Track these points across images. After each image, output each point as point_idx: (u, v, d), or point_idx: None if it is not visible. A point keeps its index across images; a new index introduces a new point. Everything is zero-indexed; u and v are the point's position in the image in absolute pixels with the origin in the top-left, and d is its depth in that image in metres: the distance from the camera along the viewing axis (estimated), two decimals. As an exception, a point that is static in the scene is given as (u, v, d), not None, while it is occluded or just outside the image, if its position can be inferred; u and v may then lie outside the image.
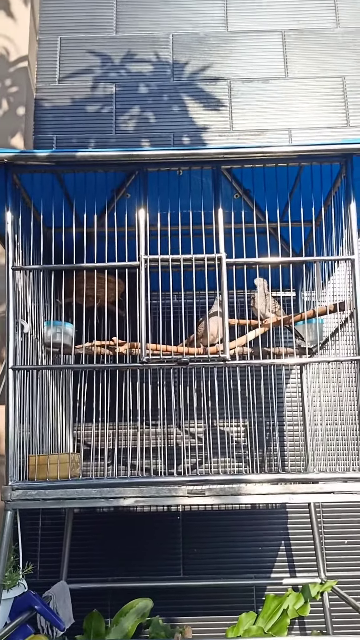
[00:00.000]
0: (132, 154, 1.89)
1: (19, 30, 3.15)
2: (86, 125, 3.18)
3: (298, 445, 2.74)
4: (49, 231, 2.04)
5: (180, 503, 1.81)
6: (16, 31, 3.15)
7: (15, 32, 3.15)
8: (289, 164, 1.99)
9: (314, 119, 3.18)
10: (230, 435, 2.75)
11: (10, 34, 3.14)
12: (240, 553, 2.69)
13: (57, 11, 3.37)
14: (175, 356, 1.95)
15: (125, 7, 3.37)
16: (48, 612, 1.99)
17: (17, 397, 1.88)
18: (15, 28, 3.15)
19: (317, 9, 3.36)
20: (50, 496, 1.80)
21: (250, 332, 2.23)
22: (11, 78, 3.08)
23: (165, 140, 3.14)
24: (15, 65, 3.11)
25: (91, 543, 2.68)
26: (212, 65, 3.27)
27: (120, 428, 2.66)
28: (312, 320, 2.24)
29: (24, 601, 1.94)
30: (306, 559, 2.68)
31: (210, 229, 2.01)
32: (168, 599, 2.61)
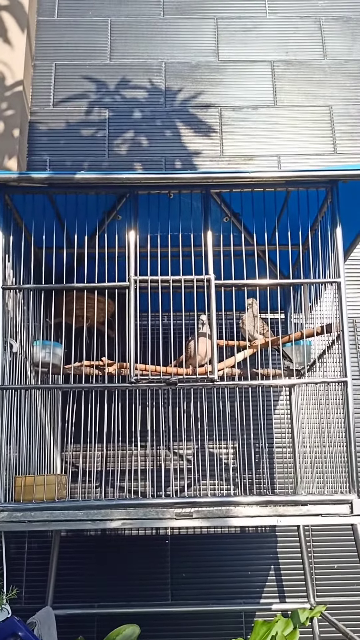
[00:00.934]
0: (123, 177, 1.93)
1: (15, 55, 3.22)
2: (80, 149, 3.23)
3: (287, 467, 2.73)
4: (40, 251, 2.06)
5: (168, 525, 1.80)
6: (12, 56, 3.22)
7: (11, 57, 3.22)
8: (276, 189, 2.04)
9: (302, 146, 3.26)
10: (219, 457, 2.74)
11: (7, 59, 3.21)
12: (229, 578, 2.65)
13: (52, 38, 3.45)
14: (164, 376, 1.96)
15: (120, 35, 3.46)
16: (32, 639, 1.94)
17: (4, 417, 1.87)
18: (12, 53, 3.23)
19: (305, 41, 3.48)
20: (36, 518, 1.78)
21: (239, 354, 2.25)
22: (7, 101, 3.14)
23: (157, 165, 3.20)
24: (11, 89, 3.17)
25: (78, 568, 2.64)
26: (203, 93, 3.36)
27: (108, 449, 2.65)
28: (300, 342, 2.26)
29: (7, 627, 1.89)
30: (296, 584, 2.65)
31: (199, 251, 2.04)
32: (156, 625, 2.56)
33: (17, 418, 1.96)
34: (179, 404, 2.60)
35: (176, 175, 1.96)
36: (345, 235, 2.18)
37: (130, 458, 2.68)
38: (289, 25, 3.50)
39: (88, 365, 2.16)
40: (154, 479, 2.66)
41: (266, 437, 2.78)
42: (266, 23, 3.51)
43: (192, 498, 1.83)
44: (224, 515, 1.80)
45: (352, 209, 2.08)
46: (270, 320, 2.61)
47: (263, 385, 2.09)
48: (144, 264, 2.02)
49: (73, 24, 3.48)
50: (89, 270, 2.14)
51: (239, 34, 3.48)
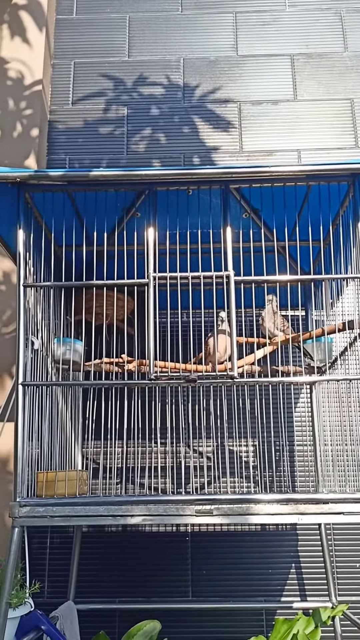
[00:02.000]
0: (142, 174, 1.92)
1: (34, 55, 3.25)
2: (98, 147, 3.24)
3: (308, 465, 2.71)
4: (60, 249, 2.07)
5: (188, 522, 1.79)
6: (31, 56, 3.24)
7: (30, 57, 3.24)
8: (297, 184, 2.01)
9: (323, 140, 3.22)
10: (239, 454, 2.73)
11: (26, 59, 3.24)
12: (250, 575, 2.64)
13: (71, 36, 3.47)
14: (184, 374, 1.96)
15: (138, 32, 3.46)
16: (55, 633, 1.96)
17: (26, 414, 1.89)
18: (31, 53, 3.25)
19: (325, 34, 3.43)
20: (58, 513, 1.79)
21: (259, 351, 2.23)
22: (26, 101, 3.17)
23: (176, 161, 3.19)
24: (30, 88, 3.20)
25: (99, 563, 2.66)
26: (222, 88, 3.33)
27: (128, 446, 2.66)
28: (321, 339, 2.24)
29: (30, 621, 1.92)
30: (317, 582, 2.63)
31: (219, 247, 2.03)
32: (176, 621, 2.56)
33: (38, 414, 1.98)
34: (199, 401, 2.60)
35: (195, 171, 1.95)
36: (367, 230, 2.15)
37: (150, 455, 2.68)
38: (309, 18, 3.45)
39: (108, 363, 2.17)
40: (174, 476, 2.66)
41: (287, 435, 2.76)
42: (285, 16, 3.47)
43: (213, 495, 1.83)
44: (244, 512, 1.79)
45: (374, 203, 2.05)
46: (291, 317, 2.59)
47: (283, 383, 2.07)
48: (163, 261, 2.02)
49: (91, 21, 3.49)
50: (108, 268, 2.15)
51: (257, 27, 3.45)
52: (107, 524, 2.65)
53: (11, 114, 3.14)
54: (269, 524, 2.67)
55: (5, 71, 3.23)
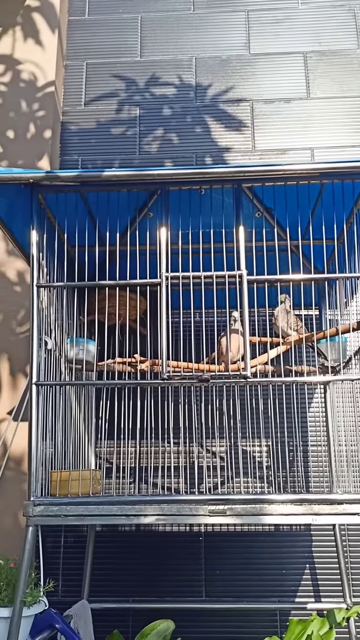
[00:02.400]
0: (154, 173, 1.92)
1: (47, 56, 3.27)
2: (111, 147, 3.25)
3: (322, 465, 2.69)
4: (73, 249, 2.08)
5: (201, 522, 1.79)
6: (44, 57, 3.26)
7: (43, 59, 3.26)
8: (310, 182, 2.00)
9: (337, 138, 3.19)
10: (253, 454, 2.72)
11: (38, 60, 3.26)
12: (264, 576, 2.63)
13: (83, 37, 3.48)
14: (196, 373, 1.95)
15: (150, 31, 3.46)
16: (69, 631, 1.98)
17: (40, 413, 1.90)
18: (43, 54, 3.27)
19: (338, 31, 3.40)
20: (72, 512, 1.80)
21: (272, 350, 2.22)
22: (39, 102, 3.19)
23: (188, 161, 3.19)
24: (43, 90, 3.21)
25: (113, 562, 2.66)
26: (234, 87, 3.32)
27: (141, 446, 2.66)
28: (335, 338, 2.22)
29: (45, 619, 1.93)
30: (331, 583, 2.61)
31: (231, 247, 2.02)
32: (190, 621, 2.56)
33: (52, 414, 1.99)
34: (212, 401, 2.59)
35: (207, 170, 1.94)
36: (381, 228, 2.13)
37: (163, 455, 2.68)
38: (321, 15, 3.43)
39: (121, 362, 2.17)
40: (187, 476, 2.65)
41: (300, 435, 2.74)
42: (298, 13, 3.45)
43: (226, 495, 1.82)
44: (258, 513, 1.78)
45: (388, 201, 2.03)
46: (305, 316, 2.57)
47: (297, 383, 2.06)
48: (176, 261, 2.02)
49: (103, 22, 3.50)
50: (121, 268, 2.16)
51: (270, 25, 3.43)
52: (121, 524, 2.66)
53: (24, 116, 3.16)
54: (283, 525, 2.66)
55: (18, 73, 3.25)
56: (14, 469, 2.67)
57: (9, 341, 2.82)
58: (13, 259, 2.94)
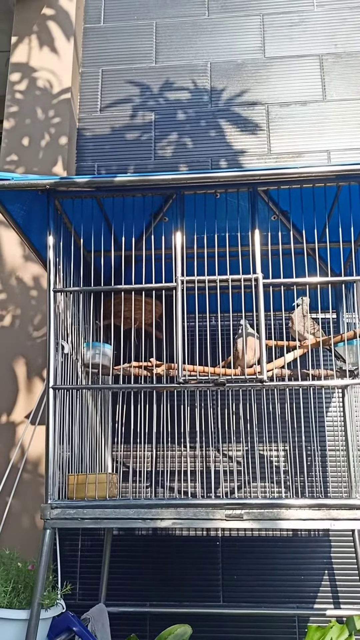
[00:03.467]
0: (167, 178, 1.93)
1: (63, 64, 3.31)
2: (126, 153, 3.28)
3: (340, 470, 2.66)
4: (89, 254, 2.10)
5: (218, 526, 1.78)
6: (60, 65, 3.30)
7: (58, 66, 3.30)
8: (326, 184, 1.99)
9: (353, 140, 3.17)
10: (270, 459, 2.70)
11: (54, 68, 3.30)
12: (282, 581, 2.61)
13: (98, 44, 3.52)
14: (213, 377, 1.95)
15: (165, 37, 3.48)
16: (86, 635, 1.98)
17: (57, 417, 1.91)
18: (59, 62, 3.31)
19: (354, 33, 3.38)
20: (88, 515, 1.81)
21: (289, 354, 2.21)
22: (54, 109, 3.23)
23: (204, 165, 3.20)
24: (58, 97, 3.25)
25: (130, 566, 2.67)
26: (249, 91, 3.32)
27: (158, 450, 2.66)
28: (353, 341, 2.20)
29: (62, 622, 1.94)
30: (351, 589, 2.57)
31: (247, 250, 2.02)
32: (207, 626, 2.55)
33: (69, 417, 2.00)
34: (228, 405, 2.59)
35: (222, 174, 1.94)
36: None
37: (180, 459, 2.68)
38: (337, 17, 3.41)
39: (137, 366, 2.18)
40: (204, 480, 2.65)
41: (318, 440, 2.72)
42: (313, 16, 3.44)
43: (243, 499, 1.82)
44: (275, 517, 1.77)
45: None
46: (322, 320, 2.55)
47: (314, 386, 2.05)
48: (191, 265, 2.02)
49: (119, 29, 3.53)
50: (136, 272, 2.17)
51: (285, 29, 3.43)
52: (137, 527, 2.66)
53: (40, 123, 3.21)
54: (301, 530, 2.64)
55: (34, 81, 3.29)
56: (31, 472, 2.69)
57: (25, 345, 2.85)
58: (29, 264, 2.97)
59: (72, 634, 1.95)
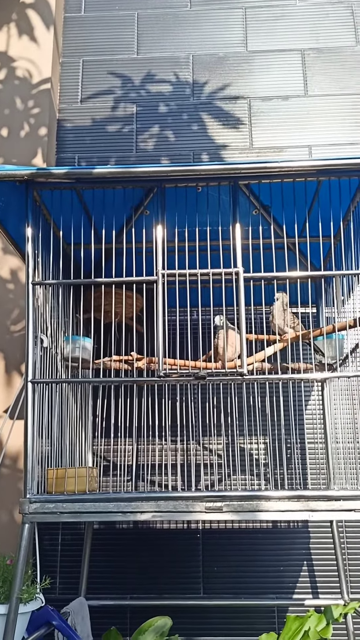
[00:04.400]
0: (150, 170, 1.92)
1: (42, 53, 3.25)
2: (107, 145, 3.25)
3: (319, 462, 2.69)
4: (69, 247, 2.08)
5: (198, 518, 1.79)
6: (39, 54, 3.25)
7: (38, 55, 3.25)
8: (307, 179, 2.00)
9: (334, 135, 3.19)
10: (250, 452, 2.72)
11: (34, 57, 3.25)
12: (262, 573, 2.64)
13: (79, 34, 3.47)
14: (193, 371, 1.95)
15: (147, 28, 3.45)
16: (66, 628, 1.98)
17: (36, 411, 1.90)
18: (39, 51, 3.26)
19: (336, 28, 3.39)
20: (68, 509, 1.80)
21: (269, 348, 2.22)
22: (34, 100, 3.18)
23: (186, 158, 3.19)
24: (38, 87, 3.20)
25: (111, 560, 2.67)
26: (231, 85, 3.32)
27: (139, 443, 2.66)
28: (332, 335, 2.22)
29: (42, 616, 1.93)
30: (329, 579, 2.62)
31: (228, 245, 2.02)
32: (188, 617, 2.57)
33: (48, 412, 1.99)
34: (209, 398, 2.60)
35: (203, 167, 1.94)
36: (378, 225, 2.13)
37: (161, 452, 2.69)
38: (319, 12, 3.42)
39: (117, 360, 2.17)
40: (185, 474, 2.66)
41: (298, 432, 2.74)
42: (296, 10, 3.44)
43: (222, 492, 1.83)
44: (255, 509, 1.78)
45: (385, 198, 2.03)
46: (302, 314, 2.57)
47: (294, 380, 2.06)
48: (172, 258, 2.01)
49: (100, 19, 3.49)
50: (117, 266, 2.15)
51: (267, 22, 3.42)
52: (118, 521, 2.66)
53: (19, 113, 3.16)
54: (280, 521, 2.66)
55: (13, 70, 3.24)
56: (10, 467, 2.67)
57: (4, 339, 2.83)
58: (7, 257, 2.94)
59: (51, 628, 1.95)
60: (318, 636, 2.29)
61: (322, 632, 2.29)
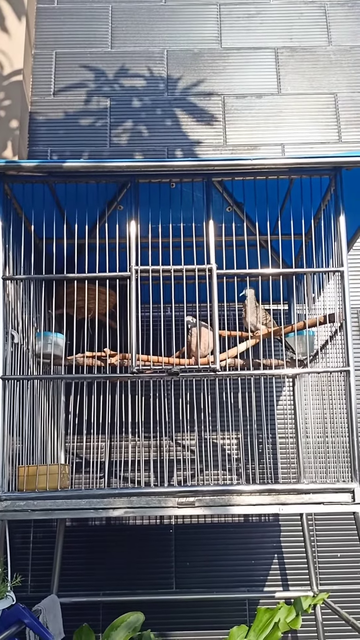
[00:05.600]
0: (123, 165, 1.91)
1: (14, 44, 3.19)
2: (80, 139, 3.21)
3: (290, 457, 2.73)
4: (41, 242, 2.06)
5: (170, 513, 1.81)
6: (10, 45, 3.19)
7: (9, 46, 3.19)
8: (279, 177, 2.02)
9: (307, 134, 3.23)
10: (223, 447, 2.75)
11: (5, 48, 3.18)
12: (233, 566, 2.67)
13: (52, 26, 3.42)
14: (166, 367, 1.96)
15: (121, 22, 3.42)
16: (37, 626, 1.96)
17: (6, 408, 1.88)
18: (10, 42, 3.20)
19: (309, 27, 3.43)
20: (39, 507, 1.79)
21: (241, 344, 2.24)
22: (5, 91, 3.12)
23: (160, 154, 3.18)
24: (9, 78, 3.14)
25: (83, 557, 2.66)
26: (205, 81, 3.32)
27: (112, 440, 2.66)
28: (302, 332, 2.25)
29: (12, 614, 1.91)
30: (299, 572, 2.66)
31: (201, 241, 2.03)
32: (160, 612, 2.58)
33: (19, 408, 1.97)
34: (182, 394, 2.60)
35: (177, 163, 1.94)
36: (348, 224, 2.17)
37: (134, 449, 2.69)
38: (293, 11, 3.45)
39: (90, 357, 2.16)
40: (157, 470, 2.66)
41: (269, 427, 2.78)
42: (270, 8, 3.46)
43: (194, 487, 1.84)
44: (226, 503, 1.80)
45: (355, 197, 2.06)
46: (274, 311, 2.60)
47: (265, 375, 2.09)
48: (146, 255, 2.01)
49: (73, 11, 3.45)
50: (90, 261, 2.14)
51: (242, 20, 3.43)
52: (90, 518, 2.65)
53: (-10, 105, 3.10)
54: (252, 515, 2.70)
55: (-16, 61, 3.17)
56: (-19, 465, 2.63)
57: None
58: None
59: (22, 626, 1.93)
60: (288, 627, 2.33)
61: (292, 623, 2.34)
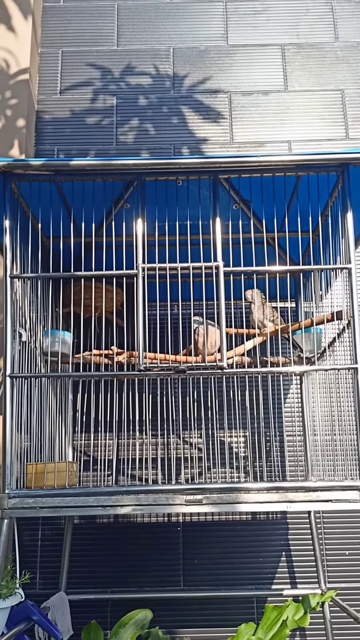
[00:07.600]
0: (129, 163, 1.91)
1: (20, 43, 3.20)
2: (87, 137, 3.22)
3: (297, 454, 2.73)
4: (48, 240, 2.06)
5: (178, 511, 1.81)
6: (17, 44, 3.19)
7: (16, 45, 3.19)
8: (286, 174, 2.01)
9: (314, 131, 3.21)
10: (230, 445, 2.75)
11: (11, 47, 3.19)
12: (241, 564, 2.67)
13: (58, 24, 3.42)
14: (174, 365, 1.96)
15: (127, 20, 3.42)
16: (46, 623, 1.97)
17: (14, 405, 1.88)
18: (16, 41, 3.20)
19: (316, 24, 3.41)
20: (47, 504, 1.80)
21: (249, 342, 2.23)
22: (11, 90, 3.13)
23: (166, 152, 3.18)
24: (16, 77, 3.15)
25: (91, 554, 2.67)
26: (212, 78, 3.31)
27: (119, 438, 2.66)
28: (310, 329, 2.25)
29: (21, 611, 1.92)
30: (307, 570, 2.66)
31: (208, 239, 2.02)
32: (168, 610, 2.59)
33: (27, 406, 1.97)
34: (189, 392, 2.61)
35: (183, 161, 1.94)
36: (356, 221, 2.16)
37: (141, 446, 2.69)
38: (299, 7, 3.43)
39: (98, 354, 2.16)
40: (165, 467, 2.67)
41: (277, 425, 2.77)
42: (276, 5, 3.44)
43: (202, 484, 1.84)
44: (234, 501, 1.80)
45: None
46: (281, 308, 2.60)
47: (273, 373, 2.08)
48: (153, 253, 2.01)
49: (79, 9, 3.45)
50: (97, 259, 2.14)
51: (248, 17, 3.42)
52: (98, 515, 2.66)
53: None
54: (259, 512, 2.70)
55: (-10, 60, 3.18)
56: (-11, 462, 2.64)
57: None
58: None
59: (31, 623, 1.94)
60: (296, 625, 2.33)
61: (300, 620, 2.33)
